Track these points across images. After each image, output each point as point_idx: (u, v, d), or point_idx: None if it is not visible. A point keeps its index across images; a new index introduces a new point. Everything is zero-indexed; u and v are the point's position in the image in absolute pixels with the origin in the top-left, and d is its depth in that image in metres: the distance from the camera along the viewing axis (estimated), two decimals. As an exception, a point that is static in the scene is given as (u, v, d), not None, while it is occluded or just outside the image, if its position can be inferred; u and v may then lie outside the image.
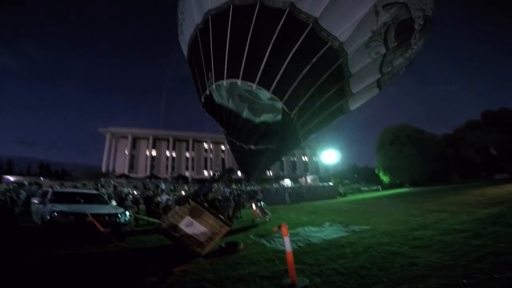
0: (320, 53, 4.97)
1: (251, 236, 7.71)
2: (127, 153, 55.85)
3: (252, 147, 6.48)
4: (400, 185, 37.72)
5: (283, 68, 4.98)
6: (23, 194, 13.25)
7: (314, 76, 5.16)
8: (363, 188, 37.95)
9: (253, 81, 5.14)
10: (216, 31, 5.56)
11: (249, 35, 5.10)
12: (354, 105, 6.35)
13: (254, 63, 5.12)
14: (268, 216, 11.16)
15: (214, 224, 5.72)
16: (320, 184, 31.25)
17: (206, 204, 6.30)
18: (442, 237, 5.92)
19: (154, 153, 58.18)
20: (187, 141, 60.50)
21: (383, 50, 5.19)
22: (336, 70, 5.19)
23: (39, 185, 21.22)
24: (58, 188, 9.67)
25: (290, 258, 3.87)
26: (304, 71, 5.02)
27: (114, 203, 9.47)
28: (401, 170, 38.37)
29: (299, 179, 42.16)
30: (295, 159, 70.91)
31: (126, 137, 56.67)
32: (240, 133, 6.52)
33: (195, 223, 5.58)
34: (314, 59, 4.98)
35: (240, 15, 5.19)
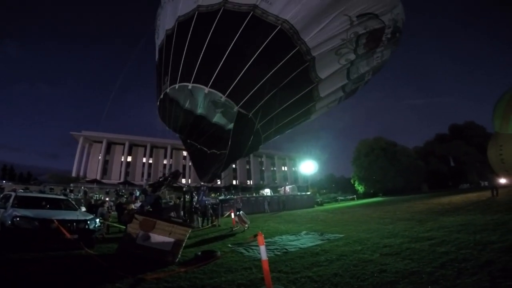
0: (287, 57, 5.01)
1: (229, 245, 7.65)
2: (100, 158, 53.40)
3: (214, 150, 6.45)
4: (374, 195, 39.28)
5: (242, 71, 4.96)
6: None
7: (279, 79, 5.19)
8: (340, 198, 39.14)
9: (206, 85, 5.09)
10: (179, 36, 5.58)
11: (207, 39, 5.10)
12: (319, 108, 6.54)
13: (208, 67, 5.08)
14: (247, 225, 11.16)
15: (173, 230, 5.60)
16: (299, 193, 31.69)
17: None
18: (410, 244, 6.20)
19: (129, 159, 56.11)
20: (165, 148, 59.10)
21: (352, 57, 5.44)
22: (303, 74, 5.28)
23: (1, 188, 19.75)
24: (21, 192, 8.91)
25: (266, 266, 3.89)
26: (268, 74, 5.03)
27: (83, 209, 8.99)
28: (375, 180, 40.08)
29: (279, 189, 42.51)
30: (275, 169, 71.59)
31: (101, 142, 54.27)
32: (204, 137, 6.47)
33: (152, 235, 5.42)
34: (281, 63, 5.01)
35: (203, 21, 5.23)
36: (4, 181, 34.79)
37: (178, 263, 5.50)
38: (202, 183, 6.67)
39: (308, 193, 32.37)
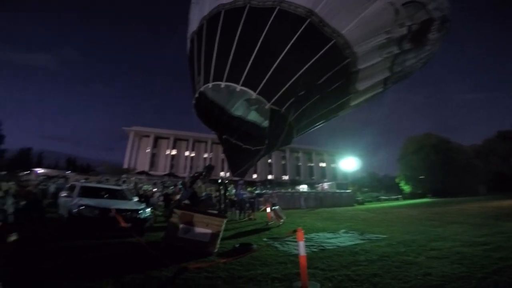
0: (322, 51, 4.76)
1: (264, 239, 7.77)
2: (148, 151, 57.80)
3: (249, 146, 6.48)
4: (422, 195, 36.14)
5: (272, 68, 4.83)
6: (52, 187, 14.08)
7: (314, 74, 4.98)
8: (383, 197, 36.80)
9: (237, 83, 5.07)
10: (207, 35, 5.60)
11: (236, 37, 5.06)
12: (355, 102, 6.20)
13: (238, 65, 5.04)
14: (282, 220, 11.15)
15: (210, 221, 5.80)
16: (338, 191, 30.65)
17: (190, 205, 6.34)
18: (461, 248, 5.71)
19: (174, 152, 59.76)
20: (206, 142, 61.62)
21: (396, 50, 5.03)
22: (341, 68, 5.01)
23: (66, 178, 22.50)
24: (84, 182, 9.93)
25: (303, 261, 3.91)
26: (302, 70, 4.84)
27: (135, 199, 9.73)
28: (424, 180, 36.82)
29: (316, 185, 41.60)
30: (313, 165, 70.02)
31: (149, 136, 58.67)
32: (239, 133, 6.51)
33: (191, 228, 5.67)
34: (315, 57, 4.78)
35: (229, 19, 5.21)
36: (68, 172, 39.60)
37: (217, 253, 5.75)
38: (237, 178, 6.81)
39: (348, 191, 31.06)
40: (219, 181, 7.53)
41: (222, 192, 7.41)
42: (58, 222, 8.06)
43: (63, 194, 8.70)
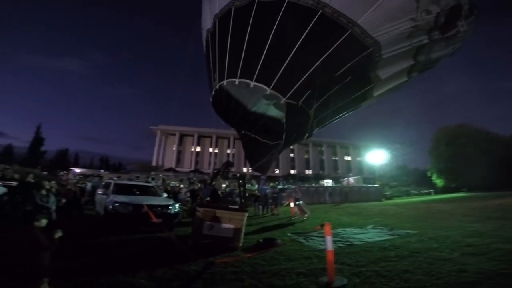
0: (338, 42, 4.54)
1: (288, 234, 7.77)
2: (174, 149, 59.87)
3: (267, 141, 6.40)
4: (457, 190, 33.93)
5: (286, 62, 4.72)
6: (89, 185, 15.05)
7: (330, 67, 4.82)
8: (413, 191, 35.04)
9: (251, 79, 5.00)
10: (220, 33, 5.59)
11: (247, 33, 4.99)
12: (378, 92, 5.91)
13: (251, 61, 4.98)
14: (306, 215, 11.06)
15: (232, 216, 5.88)
16: (364, 185, 29.75)
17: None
18: (500, 245, 5.35)
19: (198, 149, 61.35)
20: (228, 139, 62.47)
21: (424, 39, 4.68)
22: (362, 58, 4.78)
23: (100, 177, 23.97)
24: (117, 180, 10.42)
25: (330, 256, 3.88)
26: (317, 62, 4.68)
27: (165, 195, 10.09)
28: (459, 173, 34.45)
29: (341, 180, 40.64)
30: (337, 158, 68.33)
31: (174, 134, 60.69)
32: (257, 127, 6.46)
33: (215, 224, 5.77)
34: (331, 49, 4.59)
35: (240, 16, 5.15)
36: (102, 171, 42.20)
37: (242, 248, 5.85)
38: (257, 173, 6.81)
39: (376, 185, 30.04)
40: (238, 175, 7.58)
41: (242, 187, 7.49)
42: (95, 218, 8.51)
43: (99, 191, 9.13)
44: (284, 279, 3.92)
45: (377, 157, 36.91)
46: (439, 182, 38.14)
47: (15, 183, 7.00)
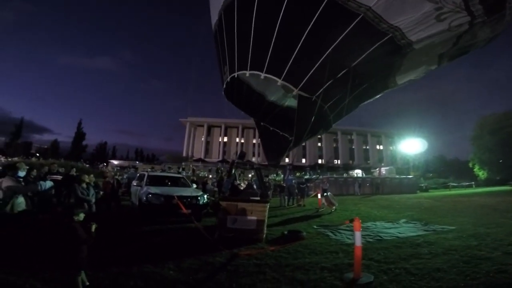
0: (349, 28, 4.18)
1: (314, 226, 7.67)
2: (203, 140, 61.66)
3: (286, 134, 6.21)
4: (502, 183, 30.90)
5: (295, 51, 4.48)
6: (125, 176, 15.96)
7: (344, 54, 4.50)
8: (452, 184, 32.56)
9: (261, 70, 4.84)
10: (226, 26, 5.42)
11: (253, 24, 4.78)
12: (402, 80, 5.42)
13: (261, 52, 4.79)
14: (334, 207, 10.77)
15: (254, 208, 5.90)
16: (397, 176, 28.31)
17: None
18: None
19: (225, 139, 62.54)
20: (254, 129, 62.74)
21: (465, 22, 4.12)
22: (380, 46, 4.38)
23: (136, 168, 25.47)
24: (151, 171, 10.69)
25: (358, 252, 3.77)
26: (328, 50, 4.36)
27: (194, 186, 10.35)
28: (505, 164, 31.34)
29: (372, 170, 39.07)
30: (368, 147, 65.51)
31: (202, 126, 62.36)
32: (277, 120, 6.30)
33: (238, 217, 5.82)
34: (342, 35, 4.24)
35: (244, 6, 4.94)
36: (137, 162, 44.89)
37: (267, 240, 5.90)
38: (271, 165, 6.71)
39: (410, 176, 28.44)
40: (254, 166, 7.56)
41: (259, 177, 7.46)
42: (131, 209, 9.03)
43: (134, 183, 9.64)
44: (307, 273, 3.88)
45: (412, 146, 34.42)
46: (482, 174, 35.11)
47: (60, 177, 7.63)
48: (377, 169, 36.15)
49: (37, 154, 50.66)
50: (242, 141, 62.90)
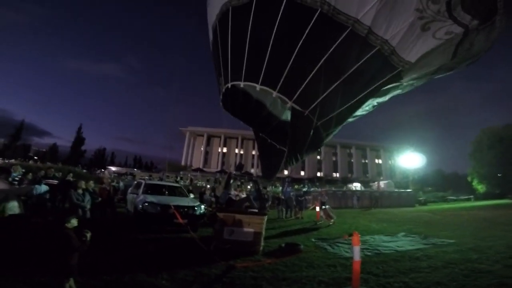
0: (339, 40, 4.24)
1: (312, 239, 7.57)
2: (202, 149, 61.58)
3: (283, 148, 6.16)
4: (501, 196, 30.77)
5: (290, 62, 4.50)
6: (121, 184, 15.85)
7: (335, 67, 4.51)
8: (450, 197, 32.44)
9: (257, 82, 4.79)
10: (221, 34, 5.41)
11: (248, 34, 4.79)
12: (395, 92, 5.44)
13: (255, 63, 4.78)
14: (332, 220, 10.66)
15: (251, 220, 5.84)
16: (396, 190, 28.18)
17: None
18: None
19: (224, 150, 62.47)
20: (253, 140, 62.82)
21: (457, 30, 4.21)
22: (370, 58, 4.42)
23: (133, 176, 25.28)
24: (148, 180, 10.64)
25: (356, 267, 3.72)
26: (320, 62, 4.42)
27: (191, 195, 10.24)
28: (504, 178, 31.32)
29: (371, 184, 38.88)
30: (367, 161, 65.59)
31: (202, 135, 62.44)
32: (274, 132, 6.26)
33: (235, 229, 5.76)
34: (333, 47, 4.30)
35: (239, 15, 4.95)
36: (135, 169, 44.62)
37: (264, 252, 5.81)
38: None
39: (409, 190, 28.32)
40: (253, 178, 7.55)
41: (257, 189, 7.38)
42: (126, 216, 8.91)
43: (131, 191, 9.53)
44: (305, 287, 3.80)
45: (410, 160, 34.43)
46: (480, 187, 35.02)
47: (56, 181, 7.56)
48: (376, 182, 35.97)
49: (35, 157, 50.32)
50: (242, 152, 62.88)
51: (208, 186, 21.23)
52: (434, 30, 4.18)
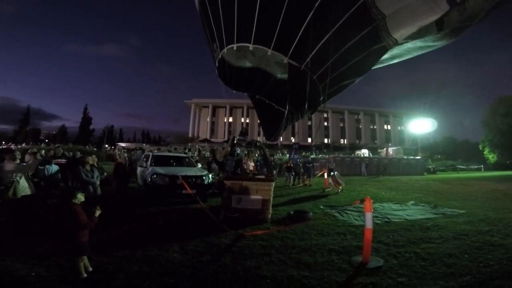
0: None
1: (321, 206, 7.57)
2: (208, 120, 61.49)
3: (281, 108, 5.99)
4: None
5: (281, 18, 4.36)
6: (132, 158, 15.97)
7: (326, 20, 4.39)
8: (460, 166, 31.96)
9: (249, 42, 4.68)
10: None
11: None
12: (397, 50, 5.20)
13: (246, 23, 4.62)
14: (341, 187, 10.62)
15: (258, 187, 5.75)
16: (405, 157, 27.90)
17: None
18: None
19: (230, 120, 62.24)
20: (260, 109, 62.12)
21: None
22: (362, 13, 4.29)
23: (143, 150, 25.55)
24: (156, 152, 10.54)
25: (368, 235, 3.61)
26: (310, 15, 4.29)
27: (199, 165, 10.21)
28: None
29: (379, 150, 38.59)
30: (375, 127, 64.45)
31: (207, 107, 61.90)
32: (271, 93, 6.11)
33: (243, 197, 5.69)
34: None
35: None
36: (144, 144, 45.33)
37: (272, 220, 5.82)
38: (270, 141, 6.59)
39: (418, 157, 28.01)
40: (258, 145, 7.35)
41: (263, 155, 7.26)
42: (137, 190, 8.91)
43: (140, 164, 9.47)
44: (314, 255, 3.78)
45: (421, 126, 33.33)
46: (492, 157, 34.42)
47: (64, 160, 7.54)
48: (384, 149, 35.60)
49: (46, 140, 51.73)
50: (247, 121, 62.53)
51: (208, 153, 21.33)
52: None
